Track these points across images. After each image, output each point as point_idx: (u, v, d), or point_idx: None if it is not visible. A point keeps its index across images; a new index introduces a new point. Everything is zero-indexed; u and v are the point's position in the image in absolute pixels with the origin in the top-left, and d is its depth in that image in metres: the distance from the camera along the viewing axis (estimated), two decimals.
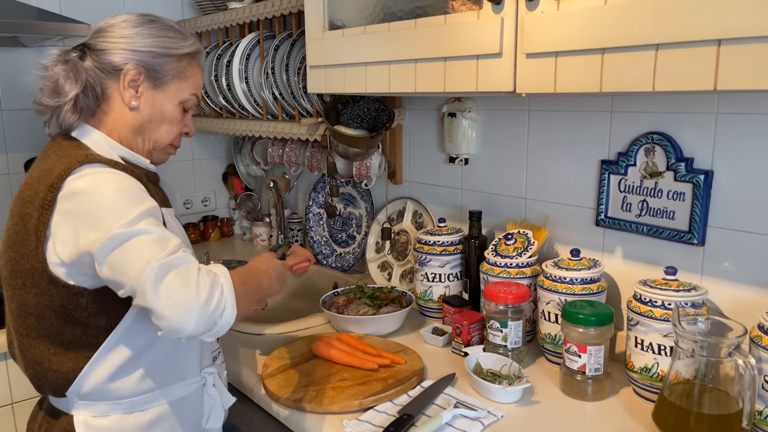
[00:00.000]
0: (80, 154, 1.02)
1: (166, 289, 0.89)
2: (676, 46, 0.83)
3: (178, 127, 1.17)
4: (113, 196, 0.95)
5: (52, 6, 2.12)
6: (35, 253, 0.99)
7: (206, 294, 0.91)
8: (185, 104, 1.16)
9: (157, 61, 1.10)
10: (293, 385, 1.24)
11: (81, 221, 0.95)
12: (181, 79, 1.14)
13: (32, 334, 1.04)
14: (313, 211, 2.15)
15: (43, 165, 1.04)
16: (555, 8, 0.98)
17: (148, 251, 0.91)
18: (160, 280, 0.89)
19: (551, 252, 1.50)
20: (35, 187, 1.00)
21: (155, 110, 1.12)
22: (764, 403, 0.98)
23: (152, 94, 1.12)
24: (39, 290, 1.01)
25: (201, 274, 0.93)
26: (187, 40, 1.14)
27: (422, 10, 1.22)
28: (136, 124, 1.12)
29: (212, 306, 0.91)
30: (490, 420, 1.11)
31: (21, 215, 1.01)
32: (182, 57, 1.13)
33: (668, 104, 1.23)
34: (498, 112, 1.57)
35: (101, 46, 1.09)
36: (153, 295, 0.89)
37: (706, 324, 1.07)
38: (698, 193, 1.19)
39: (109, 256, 0.92)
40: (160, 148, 1.16)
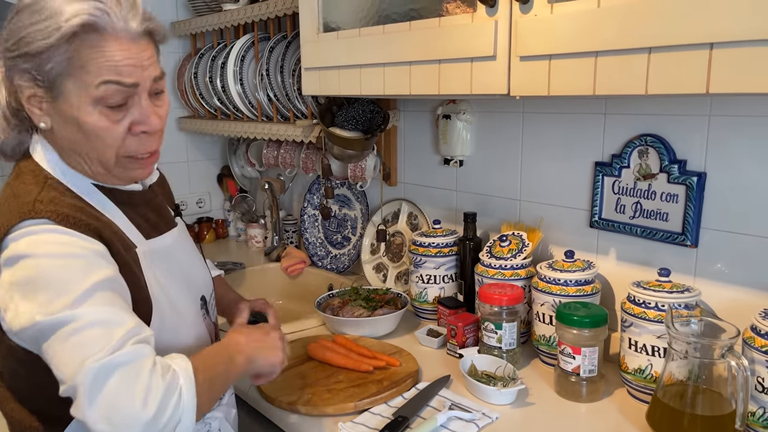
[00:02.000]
0: (28, 200, 0.83)
1: (106, 398, 0.72)
2: (669, 50, 0.83)
3: (113, 134, 0.85)
4: (53, 266, 0.77)
5: None
6: None
7: (156, 406, 0.73)
8: (105, 101, 0.83)
9: (35, 63, 0.80)
10: (288, 388, 1.24)
11: (17, 294, 0.78)
12: (75, 73, 0.80)
13: (5, 388, 0.92)
14: (308, 212, 2.15)
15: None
16: (548, 11, 0.98)
17: (86, 347, 0.73)
18: (98, 387, 0.72)
19: (545, 254, 1.50)
20: None
21: (70, 127, 0.84)
22: (757, 405, 0.99)
23: (57, 107, 0.83)
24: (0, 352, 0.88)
25: (154, 375, 0.75)
26: (62, 14, 0.79)
27: (417, 13, 1.22)
28: (65, 146, 0.88)
29: (163, 420, 0.74)
30: (485, 422, 1.11)
31: None
32: (67, 39, 0.79)
33: (661, 106, 1.24)
34: (492, 114, 1.58)
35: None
36: (87, 405, 0.72)
37: (699, 325, 1.08)
38: (691, 195, 1.19)
39: (42, 345, 0.76)
40: (112, 165, 0.89)
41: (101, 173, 0.91)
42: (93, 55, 0.81)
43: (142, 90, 0.86)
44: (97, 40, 0.81)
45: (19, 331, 0.79)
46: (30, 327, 0.77)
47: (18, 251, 0.79)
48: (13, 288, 0.79)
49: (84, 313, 0.75)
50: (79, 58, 0.80)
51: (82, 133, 0.85)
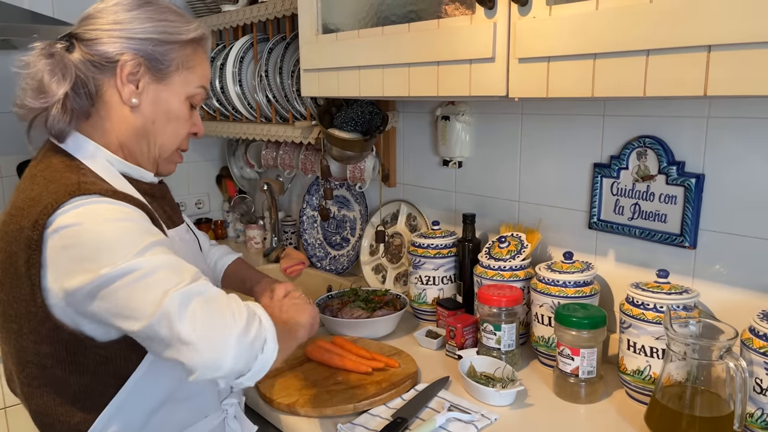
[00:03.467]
0: (71, 182, 0.86)
1: (193, 317, 0.77)
2: (667, 52, 0.84)
3: (186, 126, 1.03)
4: (110, 229, 0.82)
5: (44, 8, 2.12)
6: (31, 297, 0.84)
7: (244, 321, 0.79)
8: (193, 99, 1.02)
9: (159, 50, 0.95)
10: (287, 389, 1.24)
11: (74, 259, 0.81)
12: (187, 70, 0.99)
13: (34, 383, 0.91)
14: (307, 213, 2.15)
15: (30, 191, 0.89)
16: (547, 14, 0.98)
17: (163, 283, 0.78)
18: (185, 308, 0.77)
19: (544, 255, 1.50)
20: (19, 220, 0.85)
21: (159, 108, 0.98)
22: (755, 406, 0.99)
23: (155, 89, 0.97)
24: (39, 337, 0.87)
25: (233, 300, 0.81)
26: (190, 24, 1.00)
27: (415, 15, 1.23)
28: (138, 125, 0.97)
29: (251, 335, 0.79)
30: (484, 423, 1.11)
31: (8, 253, 0.87)
32: (186, 44, 0.98)
33: (660, 108, 1.24)
34: (491, 115, 1.58)
35: (91, 35, 0.93)
36: (179, 324, 0.76)
37: (698, 327, 1.08)
38: (690, 197, 1.19)
39: (113, 295, 0.79)
40: (166, 154, 1.03)
41: (152, 159, 1.02)
42: (200, 62, 1.02)
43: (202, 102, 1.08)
44: (203, 53, 1.03)
45: (77, 289, 0.81)
46: (90, 282, 0.79)
47: (69, 221, 0.82)
48: (67, 250, 0.81)
49: (149, 261, 0.80)
50: (192, 60, 1.00)
51: (166, 116, 0.99)
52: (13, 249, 0.85)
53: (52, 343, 0.87)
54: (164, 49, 0.96)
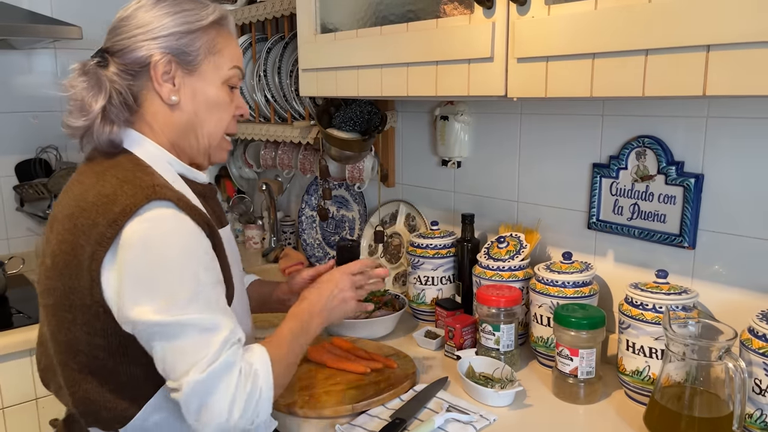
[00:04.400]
0: (146, 184, 0.89)
1: (202, 404, 0.85)
2: (666, 52, 0.83)
3: (229, 110, 1.04)
4: (174, 260, 0.86)
5: (42, 8, 2.11)
6: (89, 291, 0.87)
7: (240, 411, 0.87)
8: (229, 81, 1.02)
9: (183, 42, 0.96)
10: (286, 390, 1.23)
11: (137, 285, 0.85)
12: (215, 55, 1.00)
13: (84, 371, 0.93)
14: (305, 213, 2.15)
15: (101, 187, 0.90)
16: (546, 13, 0.98)
17: (188, 355, 0.85)
18: (198, 396, 0.85)
19: (543, 255, 1.50)
20: (93, 216, 0.87)
21: (199, 99, 0.99)
22: (754, 406, 0.99)
23: (190, 82, 0.98)
24: (92, 329, 0.90)
25: (239, 384, 0.87)
26: (207, 8, 1.00)
27: (414, 14, 1.22)
28: (183, 121, 0.99)
29: (242, 422, 0.88)
30: (483, 424, 1.11)
31: (73, 244, 0.88)
32: (208, 28, 0.99)
33: (659, 108, 1.24)
34: (490, 115, 1.57)
35: (119, 45, 0.96)
36: (186, 411, 0.86)
37: (697, 327, 1.08)
38: (689, 197, 1.19)
39: (150, 341, 0.86)
40: (215, 142, 1.04)
41: (203, 150, 1.03)
42: (226, 44, 1.01)
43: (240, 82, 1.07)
44: (227, 34, 1.02)
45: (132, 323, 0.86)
46: (142, 323, 0.85)
47: (141, 239, 0.85)
48: (135, 265, 0.85)
49: (188, 321, 0.85)
50: (218, 44, 1.00)
51: (207, 106, 1.00)
52: (80, 241, 0.87)
53: (105, 336, 0.90)
54: (188, 39, 0.96)
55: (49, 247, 0.95)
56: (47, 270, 0.93)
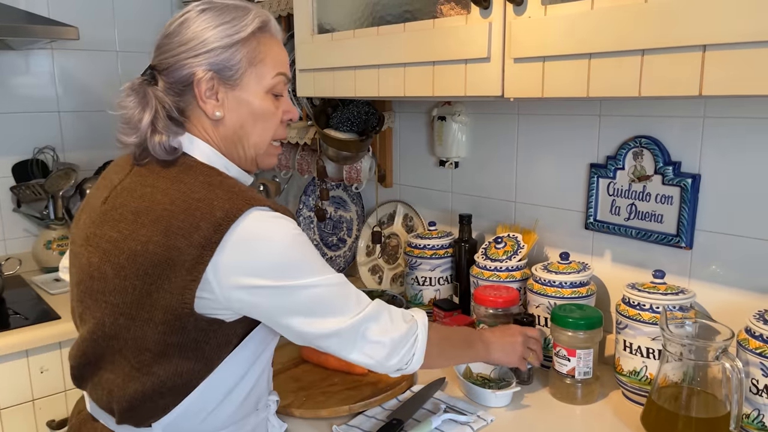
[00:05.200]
0: (240, 191, 0.91)
1: (368, 341, 0.94)
2: (662, 52, 0.83)
3: (275, 119, 1.02)
4: (290, 244, 0.90)
5: (39, 9, 2.11)
6: (182, 292, 0.87)
7: (397, 346, 0.96)
8: (274, 90, 1.00)
9: (224, 56, 0.94)
10: (282, 391, 1.24)
11: (262, 266, 0.88)
12: (257, 65, 0.97)
13: (144, 368, 0.93)
14: (303, 214, 2.15)
15: (186, 190, 0.91)
16: (542, 13, 0.98)
17: (345, 300, 0.93)
18: (361, 333, 0.94)
19: (541, 255, 1.50)
20: (189, 218, 0.88)
21: (243, 112, 0.98)
22: (752, 407, 0.99)
23: (234, 96, 0.97)
24: (169, 329, 0.90)
25: (398, 324, 0.97)
26: (247, 15, 0.97)
27: (411, 15, 1.22)
28: (229, 134, 0.99)
29: (399, 356, 0.97)
30: (480, 424, 1.11)
31: (167, 246, 0.88)
32: (249, 38, 0.96)
33: (656, 108, 1.24)
34: (487, 115, 1.57)
35: (165, 63, 0.96)
36: (348, 348, 0.94)
37: (694, 327, 1.07)
38: (686, 197, 1.19)
39: (294, 305, 0.90)
40: (262, 151, 1.03)
41: (249, 160, 1.03)
42: (269, 50, 0.98)
43: (287, 86, 1.05)
44: (270, 39, 0.99)
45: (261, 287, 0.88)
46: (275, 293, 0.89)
47: (258, 229, 0.89)
48: (258, 257, 0.88)
49: (321, 281, 0.91)
50: (260, 53, 0.97)
51: (252, 118, 0.99)
52: (179, 244, 0.87)
53: (182, 334, 0.91)
54: (229, 53, 0.95)
55: (111, 245, 0.93)
56: (120, 269, 0.91)
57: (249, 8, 0.98)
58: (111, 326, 0.94)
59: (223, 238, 0.87)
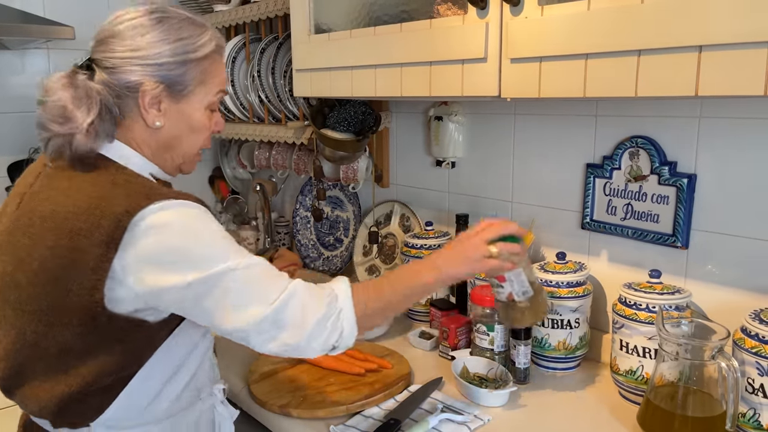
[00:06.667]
0: (141, 185, 0.92)
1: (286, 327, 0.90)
2: (658, 52, 0.84)
3: (207, 132, 1.05)
4: (198, 230, 0.90)
5: (35, 8, 2.10)
6: (90, 292, 0.87)
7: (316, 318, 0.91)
8: (212, 106, 1.03)
9: (177, 72, 0.96)
10: (279, 391, 1.24)
11: (168, 258, 0.87)
12: (206, 83, 1.00)
13: (69, 371, 0.93)
14: (300, 214, 2.15)
15: (83, 190, 0.91)
16: (539, 14, 0.98)
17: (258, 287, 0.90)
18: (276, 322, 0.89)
19: (537, 255, 1.50)
20: (90, 218, 0.87)
21: (182, 123, 1.00)
22: (747, 406, 0.99)
23: (177, 109, 0.99)
24: (87, 329, 0.90)
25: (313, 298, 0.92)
26: (205, 35, 0.99)
27: (408, 15, 1.22)
28: (162, 142, 1.00)
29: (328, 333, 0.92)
30: (477, 424, 1.11)
31: (71, 248, 0.87)
32: (204, 59, 0.98)
33: (652, 108, 1.24)
34: (484, 115, 1.58)
35: (110, 62, 0.94)
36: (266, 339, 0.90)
37: (690, 327, 1.08)
38: (682, 197, 1.19)
39: (207, 296, 0.88)
40: (189, 159, 1.06)
41: (175, 167, 1.05)
42: (218, 70, 1.02)
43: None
44: (220, 60, 1.03)
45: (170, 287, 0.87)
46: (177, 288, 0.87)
47: (162, 221, 0.88)
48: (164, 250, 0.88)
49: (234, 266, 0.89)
50: (210, 74, 1.00)
51: (189, 130, 1.02)
52: (79, 245, 0.87)
53: (102, 333, 0.91)
54: (183, 70, 0.96)
55: (25, 253, 0.92)
56: (31, 275, 0.91)
57: (206, 27, 1.00)
58: (32, 334, 0.92)
59: (125, 234, 0.87)
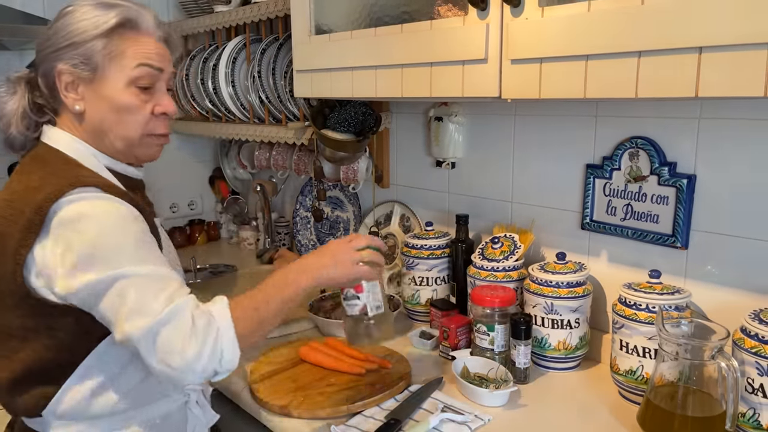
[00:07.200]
0: (71, 174, 0.93)
1: (159, 350, 0.86)
2: (659, 54, 0.84)
3: (142, 111, 1.01)
4: (110, 229, 0.89)
5: (35, 9, 2.10)
6: (13, 276, 0.91)
7: (197, 347, 0.86)
8: (137, 82, 1.00)
9: (80, 51, 0.97)
10: (280, 391, 1.24)
11: (76, 254, 0.87)
12: (117, 57, 0.98)
13: (12, 357, 0.95)
14: (300, 214, 2.15)
15: (24, 179, 0.95)
16: (539, 15, 0.98)
17: (146, 298, 0.86)
18: (152, 341, 0.85)
19: (537, 255, 1.50)
20: (18, 205, 0.91)
21: (103, 105, 0.99)
22: (747, 405, 0.99)
23: (93, 89, 0.99)
24: (22, 312, 0.93)
25: (192, 323, 0.87)
26: (110, 12, 0.98)
27: (408, 16, 1.23)
28: (91, 128, 1.01)
29: (208, 359, 0.87)
30: (477, 424, 1.11)
31: (0, 234, 0.93)
32: (108, 33, 0.97)
33: (652, 109, 1.24)
34: (484, 116, 1.58)
35: (37, 58, 1.01)
36: (147, 354, 0.86)
37: (690, 327, 1.08)
38: (681, 197, 1.20)
39: (104, 298, 0.87)
40: (135, 143, 1.03)
41: (121, 151, 1.03)
42: (131, 44, 0.99)
43: (163, 78, 1.04)
44: (134, 34, 1.00)
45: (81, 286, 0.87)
46: (84, 286, 0.87)
47: (72, 216, 0.88)
48: (72, 251, 0.88)
49: (133, 271, 0.87)
50: (119, 46, 0.98)
51: (114, 111, 1.00)
52: (7, 230, 0.91)
53: (35, 316, 0.93)
54: (85, 48, 0.97)
55: None
56: None
57: (117, 5, 0.99)
58: None
59: (44, 221, 0.88)
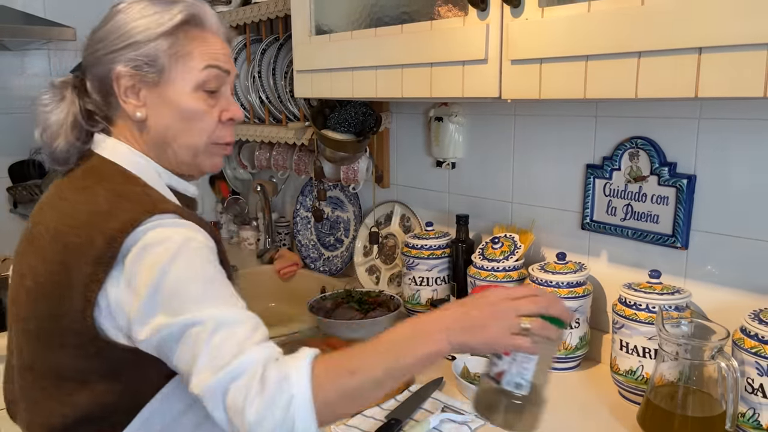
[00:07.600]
0: (145, 200, 0.83)
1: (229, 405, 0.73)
2: (658, 54, 0.84)
3: (210, 117, 0.92)
4: (186, 264, 0.78)
5: (36, 9, 2.11)
6: (82, 315, 0.80)
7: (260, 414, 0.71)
8: (205, 85, 0.91)
9: (143, 51, 0.87)
10: None
11: (149, 294, 0.77)
12: (183, 58, 0.89)
13: (65, 400, 0.84)
14: (300, 214, 2.15)
15: (86, 200, 0.85)
16: (539, 15, 0.98)
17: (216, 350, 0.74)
18: (220, 398, 0.73)
19: (537, 256, 1.50)
20: (85, 232, 0.80)
21: (169, 111, 0.90)
22: (747, 405, 0.99)
23: (158, 94, 0.89)
24: (85, 353, 0.82)
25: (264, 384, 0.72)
26: (173, 9, 0.89)
27: (408, 16, 1.23)
28: (154, 137, 0.91)
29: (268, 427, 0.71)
30: (477, 424, 1.11)
31: (64, 265, 0.81)
32: (172, 32, 0.88)
33: (652, 109, 1.25)
34: (484, 116, 1.58)
35: (87, 61, 0.90)
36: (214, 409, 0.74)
37: (690, 327, 1.08)
38: (681, 198, 1.20)
39: (177, 348, 0.76)
40: (201, 152, 0.94)
41: (185, 162, 0.94)
42: (198, 44, 0.90)
43: (229, 81, 0.96)
44: (200, 32, 0.91)
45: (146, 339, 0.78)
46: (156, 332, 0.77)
47: (153, 243, 0.78)
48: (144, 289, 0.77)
49: (206, 316, 0.75)
50: (185, 46, 0.89)
51: (180, 118, 0.90)
52: (73, 262, 0.80)
53: (100, 359, 0.82)
54: (148, 48, 0.87)
55: (28, 267, 0.87)
56: (30, 292, 0.85)
57: (176, 2, 0.90)
58: (28, 355, 0.87)
59: (118, 254, 0.78)
